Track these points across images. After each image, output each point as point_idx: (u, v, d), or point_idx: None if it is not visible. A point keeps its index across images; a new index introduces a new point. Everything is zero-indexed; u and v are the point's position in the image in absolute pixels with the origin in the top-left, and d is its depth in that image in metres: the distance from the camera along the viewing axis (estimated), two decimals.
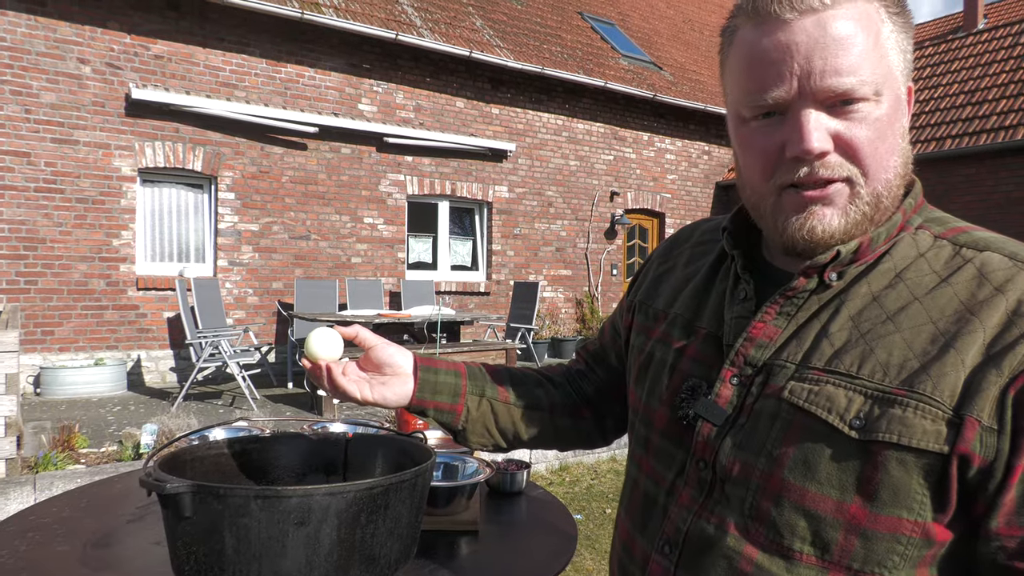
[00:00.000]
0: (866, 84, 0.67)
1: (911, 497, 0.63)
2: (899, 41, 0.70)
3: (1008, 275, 0.66)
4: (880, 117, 0.69)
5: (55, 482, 3.91)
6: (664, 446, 0.82)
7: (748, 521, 0.70)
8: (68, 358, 6.79)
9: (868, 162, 0.69)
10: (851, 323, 0.69)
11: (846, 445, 0.65)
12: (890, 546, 0.64)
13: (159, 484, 0.85)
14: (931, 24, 20.33)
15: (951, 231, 0.73)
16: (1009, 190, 9.17)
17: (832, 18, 0.67)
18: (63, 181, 6.73)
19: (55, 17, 6.66)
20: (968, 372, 0.62)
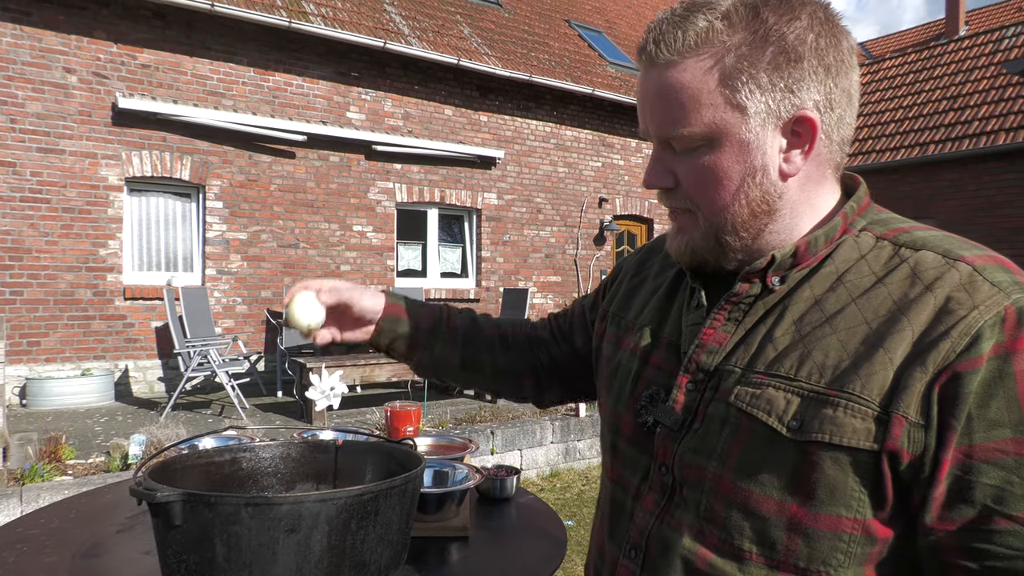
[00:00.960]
0: (692, 133, 0.73)
1: (848, 495, 0.65)
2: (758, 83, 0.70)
3: (938, 273, 0.67)
4: (713, 161, 0.73)
5: (42, 494, 3.88)
6: (630, 452, 0.84)
7: (703, 523, 0.72)
8: (54, 369, 6.73)
9: (700, 201, 0.76)
10: (794, 327, 0.71)
11: (784, 446, 0.67)
12: (833, 544, 0.66)
13: (149, 493, 0.85)
14: (914, 31, 20.59)
15: (893, 231, 0.74)
16: (991, 194, 9.30)
17: (666, 73, 0.73)
18: (49, 191, 6.69)
19: (41, 27, 6.63)
20: (896, 370, 0.63)
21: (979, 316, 0.62)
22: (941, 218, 9.78)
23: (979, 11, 19.16)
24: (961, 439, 0.61)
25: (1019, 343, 0.61)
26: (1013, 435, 0.60)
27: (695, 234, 0.78)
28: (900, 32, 21.24)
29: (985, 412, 0.61)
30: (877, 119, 11.12)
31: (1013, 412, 0.60)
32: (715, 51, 0.71)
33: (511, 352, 1.15)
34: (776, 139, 0.73)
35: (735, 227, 0.76)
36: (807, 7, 0.72)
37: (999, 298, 0.63)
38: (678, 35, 0.72)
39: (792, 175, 0.74)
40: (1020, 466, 0.60)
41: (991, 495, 0.60)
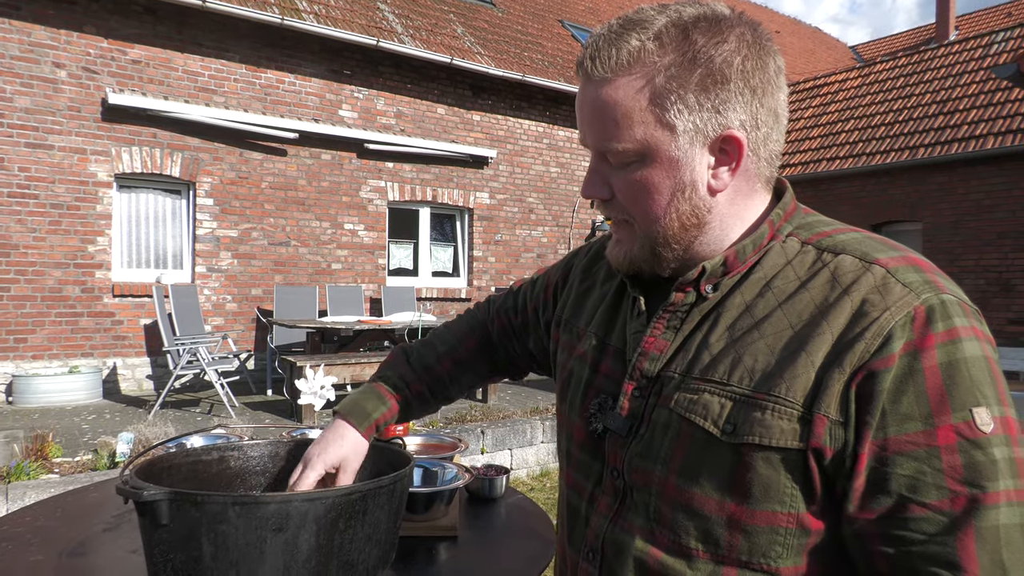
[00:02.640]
0: (625, 149, 0.76)
1: (781, 491, 0.68)
2: (686, 103, 0.73)
3: (855, 276, 0.70)
4: (646, 176, 0.77)
5: (28, 492, 3.85)
6: (583, 458, 0.87)
7: (653, 525, 0.76)
8: (41, 366, 6.68)
9: (634, 212, 0.80)
10: (727, 332, 0.75)
11: (720, 448, 0.71)
12: (771, 538, 0.69)
13: (136, 492, 0.85)
14: (904, 35, 20.73)
15: (816, 236, 0.77)
16: (980, 198, 9.36)
17: (600, 89, 0.76)
18: (37, 186, 6.64)
19: (29, 20, 6.57)
20: (817, 371, 0.67)
21: (890, 317, 0.66)
22: (930, 221, 9.85)
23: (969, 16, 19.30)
24: (876, 433, 0.65)
25: (927, 340, 0.65)
26: (923, 428, 0.63)
27: (633, 245, 0.82)
28: (891, 36, 21.37)
29: (897, 407, 0.64)
30: (867, 122, 11.19)
31: (923, 406, 0.64)
32: (646, 71, 0.74)
33: (470, 371, 1.24)
34: (704, 156, 0.76)
35: (667, 239, 0.79)
36: (735, 29, 0.75)
37: (909, 298, 0.67)
38: (612, 53, 0.75)
39: (720, 190, 0.78)
40: (930, 456, 0.63)
41: (905, 485, 0.64)
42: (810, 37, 21.43)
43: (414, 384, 1.19)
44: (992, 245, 9.23)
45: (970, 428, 0.63)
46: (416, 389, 1.19)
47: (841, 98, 12.39)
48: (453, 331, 1.26)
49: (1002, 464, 0.62)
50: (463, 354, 1.22)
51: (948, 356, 0.64)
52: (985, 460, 0.62)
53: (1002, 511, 0.61)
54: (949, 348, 0.65)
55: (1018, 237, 8.98)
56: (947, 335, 0.65)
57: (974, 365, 0.64)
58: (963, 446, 0.62)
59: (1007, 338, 8.90)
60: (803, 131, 12.18)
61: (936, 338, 0.65)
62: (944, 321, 0.66)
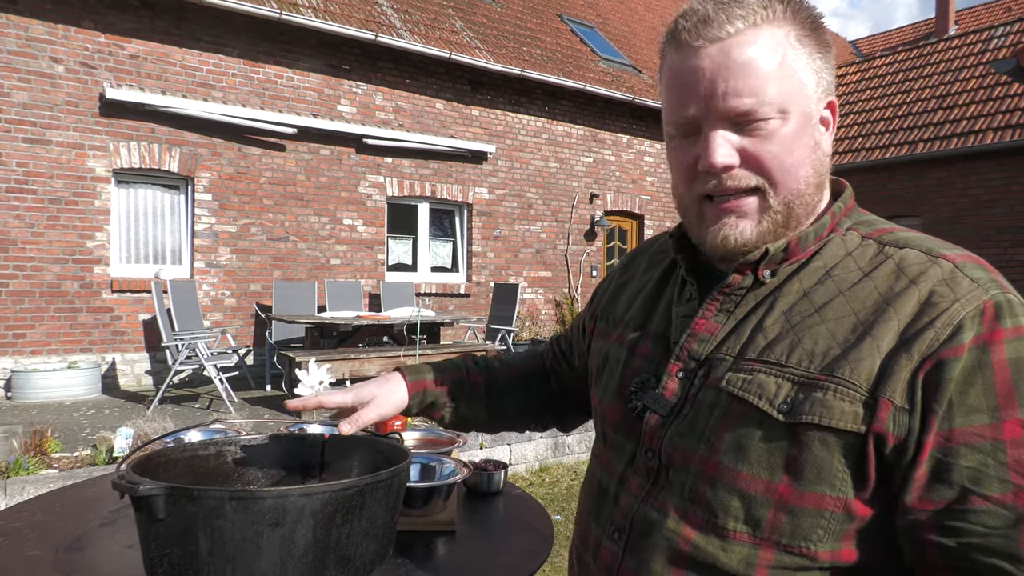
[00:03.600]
0: (768, 104, 0.74)
1: (833, 475, 0.68)
2: (811, 63, 0.76)
3: (922, 269, 0.71)
4: (786, 133, 0.75)
5: (26, 487, 3.85)
6: (617, 439, 0.88)
7: (688, 504, 0.76)
8: (40, 361, 6.67)
9: (775, 174, 0.76)
10: (783, 317, 0.75)
11: (775, 428, 0.70)
12: (815, 521, 0.69)
13: (132, 486, 0.85)
14: (904, 30, 20.68)
15: (877, 231, 0.78)
16: (979, 193, 9.37)
17: (734, 45, 0.74)
18: (35, 182, 6.62)
19: (27, 15, 6.55)
20: (883, 357, 0.67)
21: (960, 308, 0.67)
22: (929, 216, 9.85)
23: (968, 11, 19.27)
24: (942, 423, 0.64)
25: (996, 335, 0.65)
26: (989, 420, 0.63)
27: (764, 216, 0.78)
28: (890, 31, 21.33)
29: (965, 398, 0.64)
30: (867, 117, 11.18)
31: (990, 399, 0.64)
32: (781, 27, 0.75)
33: (529, 390, 1.21)
34: (820, 117, 0.78)
35: (806, 200, 0.78)
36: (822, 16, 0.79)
37: (978, 293, 0.68)
38: (738, 12, 0.74)
39: (828, 154, 0.80)
40: (995, 449, 0.63)
41: (968, 476, 0.63)
42: None
43: (474, 373, 1.20)
44: (991, 240, 9.24)
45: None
46: (474, 379, 1.19)
47: (840, 93, 12.38)
48: (519, 353, 1.29)
49: None
50: (522, 369, 1.23)
51: (1017, 352, 0.65)
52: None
53: None
54: (1018, 345, 0.65)
55: (1017, 232, 8.99)
56: (1015, 332, 0.66)
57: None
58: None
59: None
60: None
61: (1006, 333, 0.65)
62: (1012, 318, 0.66)
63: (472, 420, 1.20)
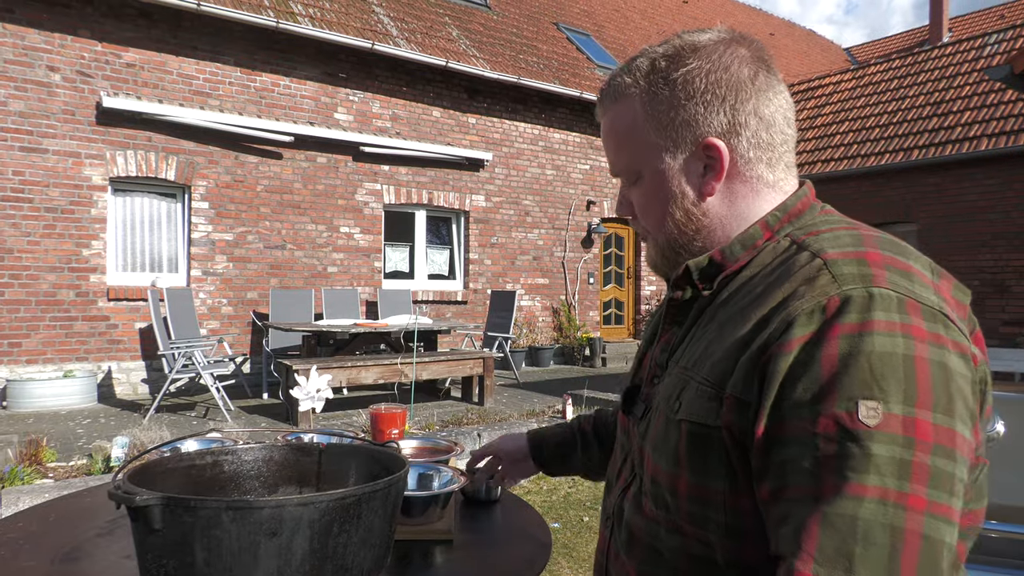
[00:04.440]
0: (624, 169, 0.89)
1: (709, 466, 0.72)
2: (662, 118, 0.83)
3: (798, 268, 0.72)
4: (644, 190, 0.88)
5: (22, 497, 3.83)
6: (621, 438, 0.98)
7: (642, 496, 0.84)
8: (36, 370, 6.65)
9: (645, 223, 0.91)
10: (714, 324, 0.79)
11: (672, 426, 0.77)
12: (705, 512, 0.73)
13: (128, 496, 0.84)
14: (898, 37, 20.82)
15: (808, 234, 0.78)
16: (974, 199, 9.40)
17: (602, 123, 0.90)
18: (31, 190, 6.62)
19: (24, 24, 6.56)
20: (734, 354, 0.71)
21: (800, 306, 0.67)
22: (924, 222, 9.88)
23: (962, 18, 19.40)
24: (771, 416, 0.66)
25: (833, 331, 0.64)
26: (809, 415, 0.63)
27: (652, 250, 0.92)
28: (885, 38, 21.45)
29: (791, 392, 0.65)
30: (862, 124, 11.22)
31: (813, 393, 0.63)
32: (628, 102, 0.86)
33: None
34: (690, 165, 0.84)
35: (673, 244, 0.88)
36: (700, 50, 0.83)
37: (828, 289, 0.67)
38: (608, 91, 0.89)
39: (711, 195, 0.84)
40: (810, 443, 0.63)
41: (786, 468, 0.64)
42: (804, 39, 21.51)
43: (585, 423, 1.35)
44: (987, 246, 9.26)
45: (851, 419, 0.61)
46: (584, 427, 1.33)
47: (836, 100, 12.44)
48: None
49: (881, 460, 0.60)
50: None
51: (850, 347, 0.63)
52: (858, 453, 0.60)
53: (866, 505, 0.59)
54: (854, 339, 0.63)
55: (1012, 238, 9.02)
56: (858, 327, 0.64)
57: (881, 359, 0.62)
58: (840, 436, 0.61)
59: (1002, 339, 8.92)
60: (798, 133, 12.20)
61: (842, 328, 0.64)
62: (861, 313, 0.64)
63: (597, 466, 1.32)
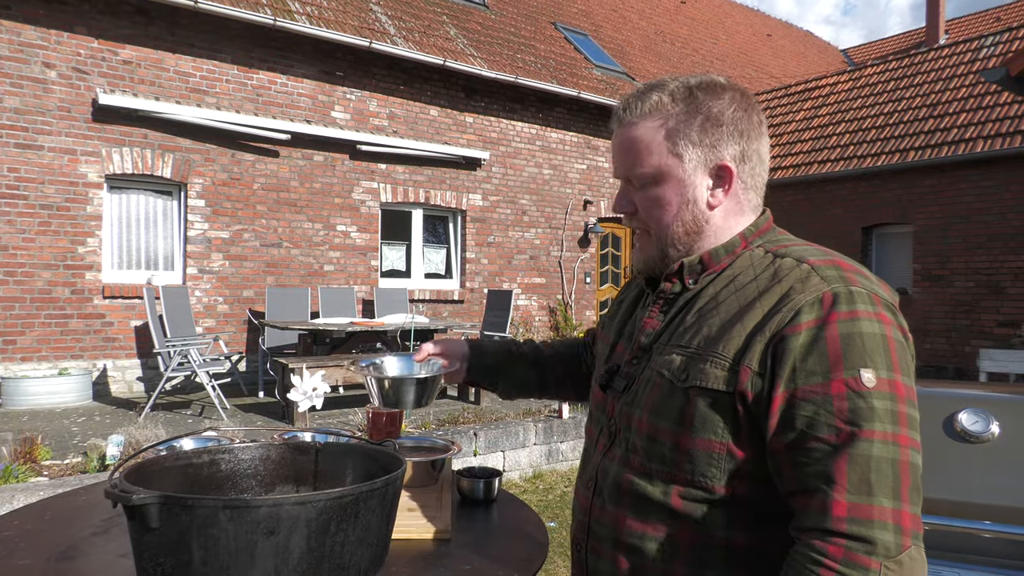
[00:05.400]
0: (644, 173, 1.03)
1: (715, 424, 0.92)
2: (689, 138, 1.01)
3: (789, 271, 0.95)
4: (658, 194, 1.04)
5: (16, 495, 3.82)
6: (597, 414, 1.15)
7: (628, 454, 1.02)
8: (31, 368, 6.63)
9: (650, 221, 1.06)
10: (698, 313, 1.00)
11: (676, 392, 0.96)
12: (707, 460, 0.92)
13: (125, 495, 0.84)
14: (895, 39, 20.86)
15: (777, 247, 1.01)
16: (970, 201, 9.43)
17: (631, 130, 1.04)
18: (27, 187, 6.59)
19: (19, 20, 6.53)
20: (746, 336, 0.91)
21: (802, 298, 0.90)
22: (921, 223, 9.91)
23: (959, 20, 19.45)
24: (788, 384, 0.86)
25: (831, 317, 0.87)
26: (822, 380, 0.85)
27: (649, 249, 1.08)
28: (881, 40, 21.50)
29: (805, 364, 0.86)
30: (858, 125, 11.24)
31: (823, 364, 0.85)
32: (663, 116, 1.02)
33: (565, 365, 1.51)
34: (704, 179, 1.03)
35: (674, 242, 1.05)
36: (728, 92, 1.03)
37: (821, 286, 0.90)
38: (638, 104, 1.04)
39: (716, 206, 1.04)
40: (825, 401, 0.84)
41: (805, 422, 0.85)
42: (801, 40, 21.55)
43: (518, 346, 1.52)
44: (983, 248, 9.29)
45: (856, 382, 0.84)
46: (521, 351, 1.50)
47: (832, 101, 12.46)
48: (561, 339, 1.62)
49: (880, 411, 0.83)
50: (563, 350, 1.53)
51: (847, 329, 0.86)
52: (865, 406, 0.83)
53: (875, 445, 0.82)
54: (848, 324, 0.86)
55: (1008, 240, 9.04)
56: (849, 315, 0.87)
57: (868, 339, 0.86)
58: (850, 395, 0.83)
59: (996, 340, 8.95)
60: (795, 134, 12.24)
61: (838, 315, 0.87)
62: (848, 305, 0.88)
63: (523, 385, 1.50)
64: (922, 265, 9.86)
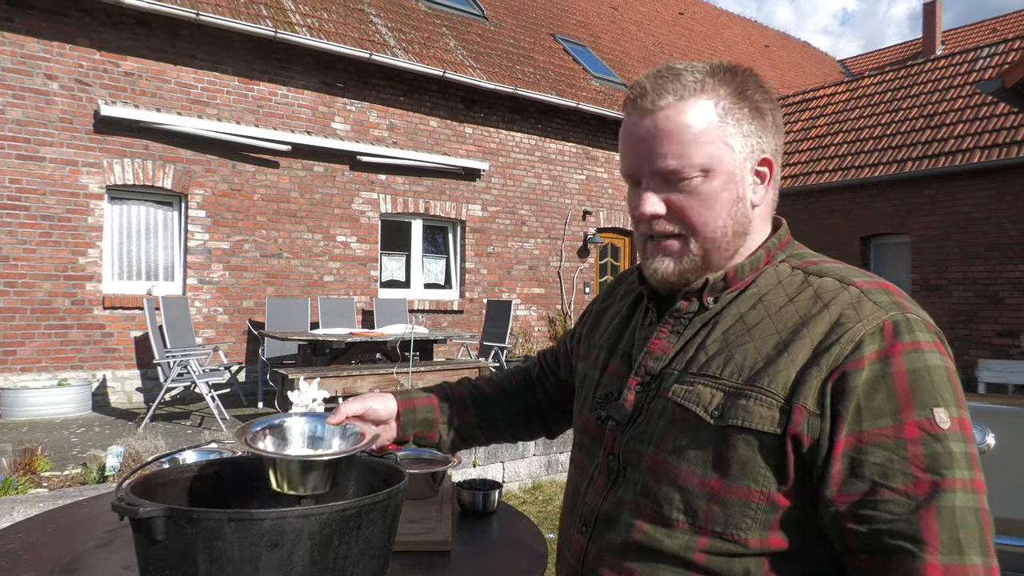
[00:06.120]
0: (690, 166, 0.87)
1: (756, 471, 0.79)
2: (738, 128, 0.88)
3: (835, 294, 0.83)
4: (708, 190, 0.88)
5: (16, 507, 3.81)
6: (589, 445, 1.00)
7: (639, 498, 0.87)
8: (30, 379, 6.63)
9: (694, 221, 0.89)
10: (722, 337, 0.87)
11: (708, 430, 0.82)
12: (743, 511, 0.80)
13: (132, 508, 0.85)
14: (892, 49, 20.98)
15: (805, 263, 0.91)
16: (967, 211, 9.47)
17: (663, 116, 0.87)
18: (28, 198, 6.61)
19: (22, 33, 6.58)
20: (798, 370, 0.79)
21: (862, 327, 0.78)
22: (918, 233, 9.94)
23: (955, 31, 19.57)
24: (852, 426, 0.75)
25: (895, 348, 0.77)
26: (892, 422, 0.74)
27: (685, 255, 0.91)
28: (878, 50, 21.62)
29: (871, 403, 0.75)
30: (856, 135, 11.30)
31: (892, 403, 0.75)
32: (710, 98, 0.87)
33: (515, 400, 1.32)
34: (750, 176, 0.91)
35: (721, 245, 0.91)
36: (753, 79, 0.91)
37: (879, 314, 0.79)
38: (675, 86, 0.87)
39: (758, 205, 0.92)
40: (898, 447, 0.74)
41: (877, 472, 0.74)
42: (799, 51, 21.66)
43: (457, 389, 1.31)
44: (980, 258, 9.32)
45: (931, 424, 0.74)
46: (458, 392, 1.30)
47: (830, 112, 12.52)
48: (503, 370, 1.44)
49: (958, 456, 0.73)
50: (507, 383, 1.34)
51: (913, 363, 0.76)
52: (943, 452, 0.73)
53: (958, 495, 0.72)
54: (914, 356, 0.76)
55: (1006, 250, 9.08)
56: (912, 346, 0.77)
57: (936, 373, 0.76)
58: (925, 439, 0.73)
59: (994, 350, 8.96)
60: (792, 144, 12.29)
61: (903, 347, 0.77)
62: (909, 334, 0.78)
63: (464, 432, 1.28)
64: (920, 275, 9.89)
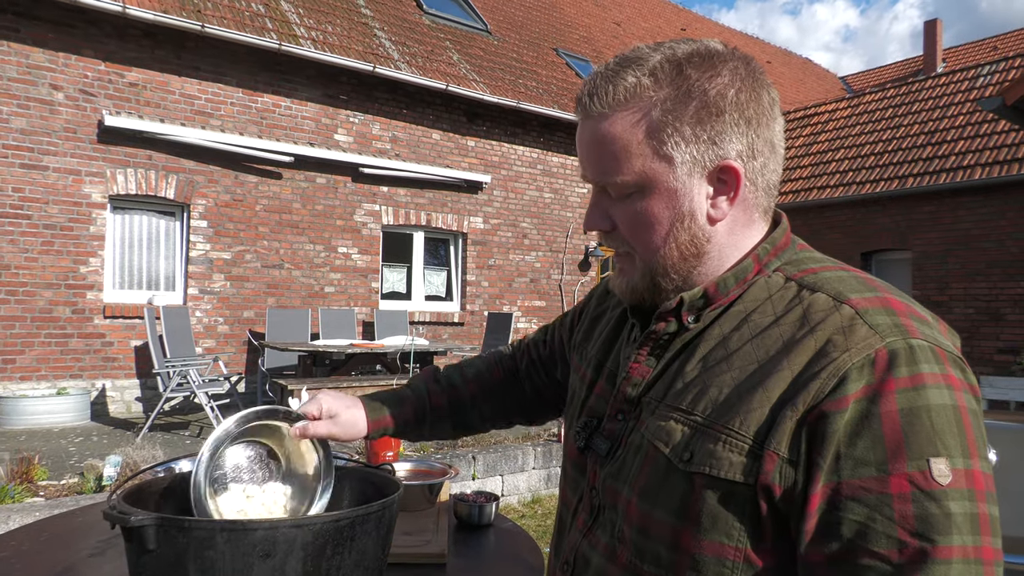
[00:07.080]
0: (623, 182, 0.77)
1: (729, 524, 0.68)
2: (683, 133, 0.75)
3: (825, 315, 0.70)
4: (642, 208, 0.78)
5: (12, 515, 3.79)
6: (573, 475, 0.91)
7: (615, 543, 0.77)
8: (29, 387, 6.62)
9: (634, 243, 0.81)
10: (701, 363, 0.76)
11: (677, 476, 0.71)
12: (718, 569, 0.68)
13: (123, 517, 0.85)
14: (893, 67, 21.09)
15: (802, 272, 0.77)
16: (968, 227, 9.47)
17: (600, 125, 0.78)
18: (31, 207, 6.63)
19: (28, 43, 6.62)
20: (771, 408, 0.67)
21: (848, 359, 0.65)
22: (919, 250, 9.94)
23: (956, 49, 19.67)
24: (829, 476, 0.63)
25: (887, 385, 0.63)
26: (877, 474, 0.61)
27: (634, 275, 0.83)
28: (879, 67, 21.74)
29: (852, 451, 0.63)
30: (857, 152, 11.34)
31: (878, 452, 0.62)
32: (642, 105, 0.76)
33: (495, 399, 1.25)
34: (703, 186, 0.77)
35: (666, 269, 0.80)
36: (728, 63, 0.77)
37: (873, 340, 0.66)
38: (609, 89, 0.77)
39: (719, 220, 0.79)
40: (882, 504, 0.61)
41: (855, 530, 0.62)
42: (800, 67, 21.78)
43: (436, 396, 1.22)
44: (981, 274, 9.31)
45: (925, 478, 0.61)
46: (436, 402, 1.22)
47: (831, 128, 12.57)
48: (483, 359, 1.30)
49: (959, 519, 0.60)
50: (489, 381, 1.26)
51: (909, 402, 0.62)
52: (939, 513, 0.60)
53: (954, 567, 0.59)
54: (911, 394, 0.63)
55: (1007, 266, 9.07)
56: (910, 381, 0.63)
57: (938, 413, 0.62)
58: (916, 496, 0.60)
59: (996, 367, 8.94)
60: (794, 160, 12.33)
61: (897, 383, 0.63)
62: (909, 366, 0.64)
63: (436, 435, 1.25)
64: (921, 291, 9.88)
